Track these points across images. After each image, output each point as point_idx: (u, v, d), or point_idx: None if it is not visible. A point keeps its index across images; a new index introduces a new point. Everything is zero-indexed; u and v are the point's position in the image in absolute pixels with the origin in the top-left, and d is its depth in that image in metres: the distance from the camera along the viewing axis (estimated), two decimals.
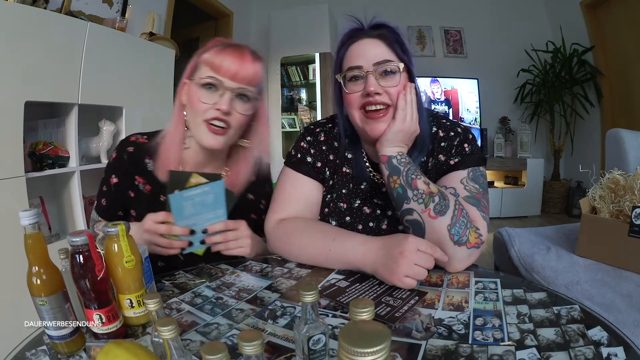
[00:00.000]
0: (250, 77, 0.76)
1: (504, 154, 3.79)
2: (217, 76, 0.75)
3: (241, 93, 0.77)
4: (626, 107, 3.17)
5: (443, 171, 0.79)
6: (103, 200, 0.88)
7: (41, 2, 1.57)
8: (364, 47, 0.75)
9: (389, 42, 0.75)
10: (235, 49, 0.76)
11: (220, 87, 0.75)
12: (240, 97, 0.77)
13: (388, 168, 0.74)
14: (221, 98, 0.75)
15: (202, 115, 0.76)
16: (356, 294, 0.63)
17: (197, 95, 0.76)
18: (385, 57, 0.74)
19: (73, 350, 0.49)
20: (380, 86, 0.74)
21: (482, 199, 0.74)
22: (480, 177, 0.77)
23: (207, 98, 0.76)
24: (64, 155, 1.61)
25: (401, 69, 0.75)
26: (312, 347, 0.40)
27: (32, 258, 0.46)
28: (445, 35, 3.95)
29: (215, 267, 0.77)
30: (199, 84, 0.76)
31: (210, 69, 0.75)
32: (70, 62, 1.57)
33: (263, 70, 0.80)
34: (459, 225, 0.67)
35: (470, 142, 0.79)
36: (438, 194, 0.69)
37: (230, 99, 0.76)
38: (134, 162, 0.85)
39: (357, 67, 0.75)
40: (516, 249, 1.25)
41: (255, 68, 0.77)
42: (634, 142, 1.67)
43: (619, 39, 3.13)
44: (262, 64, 0.79)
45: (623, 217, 1.06)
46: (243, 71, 0.75)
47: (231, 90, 0.75)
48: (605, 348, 0.45)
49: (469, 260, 0.70)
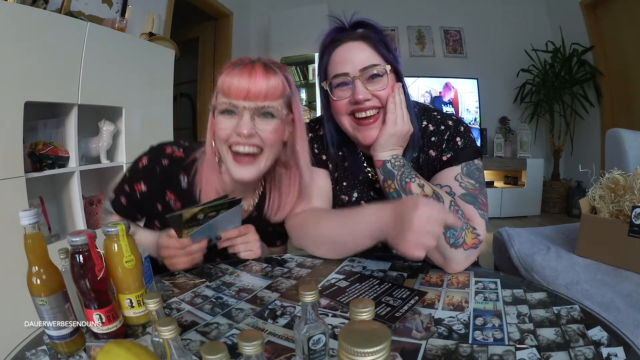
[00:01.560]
0: (265, 93, 0.70)
1: (504, 154, 3.79)
2: (230, 100, 0.70)
3: (261, 112, 0.71)
4: (626, 107, 3.17)
5: (435, 167, 0.79)
6: (123, 198, 0.83)
7: (41, 2, 1.57)
8: (349, 52, 0.74)
9: (373, 44, 0.74)
10: (244, 66, 0.71)
11: (237, 111, 0.71)
12: (264, 116, 0.72)
13: (383, 173, 0.74)
14: (240, 121, 0.70)
15: (225, 142, 0.73)
16: (356, 294, 0.63)
17: (218, 122, 0.73)
18: (371, 62, 0.73)
19: (73, 350, 0.49)
20: (368, 91, 0.73)
21: (479, 195, 0.73)
22: (475, 171, 0.75)
23: (227, 123, 0.72)
24: (63, 155, 1.61)
25: (388, 70, 0.73)
26: (312, 347, 0.40)
27: (32, 258, 0.46)
28: (445, 35, 3.94)
29: (215, 267, 0.77)
30: (218, 111, 0.73)
31: (223, 94, 0.71)
32: (70, 62, 1.57)
33: (284, 81, 0.73)
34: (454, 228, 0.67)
35: (462, 135, 0.78)
36: (432, 196, 0.69)
37: (250, 120, 0.70)
38: (167, 177, 0.80)
39: (343, 74, 0.74)
40: (516, 249, 1.25)
41: (269, 82, 0.70)
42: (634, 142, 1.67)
43: (619, 39, 3.13)
44: (278, 76, 0.72)
45: (623, 217, 1.06)
46: (255, 88, 0.69)
47: (248, 110, 0.70)
48: (605, 348, 0.45)
49: (467, 262, 0.69)
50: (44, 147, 1.54)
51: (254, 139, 0.71)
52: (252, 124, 0.70)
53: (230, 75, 0.70)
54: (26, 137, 1.43)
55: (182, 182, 0.81)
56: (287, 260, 0.80)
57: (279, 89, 0.71)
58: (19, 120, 1.37)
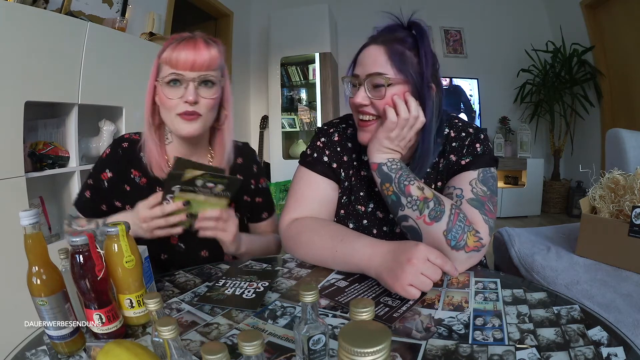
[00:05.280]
0: (208, 63, 0.78)
1: (504, 154, 3.79)
2: (177, 71, 0.77)
3: (203, 80, 0.79)
4: (626, 107, 3.17)
5: (454, 171, 0.78)
6: (87, 192, 0.89)
7: (41, 2, 1.57)
8: (367, 55, 0.75)
9: (391, 53, 0.72)
10: (187, 41, 0.78)
11: (183, 81, 0.78)
12: (205, 84, 0.79)
13: (379, 175, 0.73)
14: (186, 90, 0.77)
15: (173, 110, 0.79)
16: (356, 294, 0.63)
17: (165, 93, 0.79)
18: (378, 70, 0.72)
19: (73, 350, 0.49)
20: (369, 97, 0.74)
21: (487, 202, 0.72)
22: (490, 178, 0.76)
23: (174, 93, 0.78)
24: (64, 155, 1.61)
25: (389, 82, 0.72)
26: (312, 347, 0.40)
27: (32, 258, 0.46)
28: (445, 35, 3.94)
29: (215, 267, 0.77)
30: (164, 82, 0.78)
31: (170, 66, 0.77)
32: (70, 62, 1.57)
33: (220, 53, 0.82)
34: (456, 230, 0.66)
35: (481, 142, 0.79)
36: (433, 199, 0.68)
37: (195, 88, 0.78)
38: (129, 156, 0.88)
39: (355, 75, 0.76)
40: (516, 248, 1.25)
41: (211, 53, 0.78)
42: (634, 142, 1.67)
43: (619, 39, 3.13)
44: (217, 48, 0.81)
45: (623, 217, 1.05)
46: (200, 59, 0.77)
47: (193, 80, 0.77)
48: (605, 348, 0.45)
49: (468, 263, 0.69)
50: (44, 147, 1.54)
51: (197, 105, 0.79)
52: (197, 92, 0.78)
53: (177, 50, 0.77)
54: (26, 137, 1.43)
55: (143, 159, 0.87)
56: (287, 261, 0.80)
57: (217, 59, 0.80)
58: (19, 120, 1.37)
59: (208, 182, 0.74)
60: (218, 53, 0.81)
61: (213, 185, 0.74)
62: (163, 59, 0.79)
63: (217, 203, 0.77)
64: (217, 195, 0.76)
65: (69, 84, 1.58)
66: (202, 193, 0.75)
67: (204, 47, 0.78)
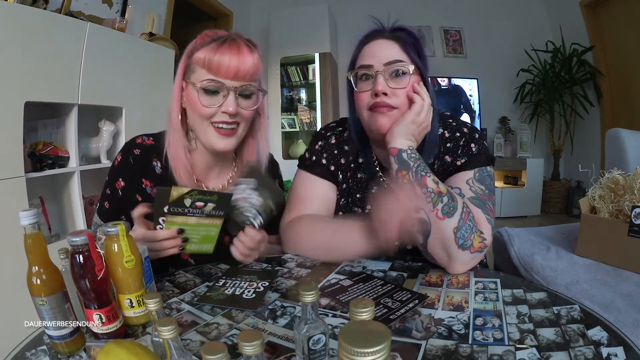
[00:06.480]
0: (252, 73, 0.73)
1: (504, 154, 3.79)
2: (218, 78, 0.71)
3: (245, 91, 0.74)
4: (626, 107, 3.17)
5: (450, 172, 0.78)
6: (106, 203, 0.82)
7: (41, 3, 1.57)
8: (377, 47, 0.75)
9: (403, 44, 0.74)
10: (230, 44, 0.71)
11: (222, 89, 0.71)
12: (246, 94, 0.74)
13: (397, 161, 0.72)
14: (225, 99, 0.71)
15: (207, 119, 0.73)
16: (356, 293, 0.63)
17: (199, 99, 0.72)
18: (396, 58, 0.73)
19: (73, 350, 0.49)
20: (389, 87, 0.73)
21: (487, 201, 0.72)
22: (487, 177, 0.76)
23: (211, 101, 0.72)
24: (63, 155, 1.61)
25: (411, 70, 0.74)
26: (312, 347, 0.40)
27: (32, 258, 0.46)
28: (445, 35, 3.94)
29: (215, 267, 0.77)
30: (198, 87, 0.72)
31: (207, 71, 0.71)
32: (70, 62, 1.57)
33: (260, 59, 0.75)
34: (465, 229, 0.66)
35: (476, 142, 0.79)
36: (447, 195, 0.68)
37: (235, 97, 0.72)
38: (141, 165, 0.81)
39: (368, 65, 0.75)
40: (516, 248, 1.25)
41: (254, 60, 0.73)
42: (634, 142, 1.67)
43: (619, 39, 3.13)
44: (258, 53, 0.75)
45: (623, 216, 1.05)
46: (243, 67, 0.71)
47: (234, 90, 0.72)
48: (605, 348, 0.45)
49: (470, 264, 0.69)
50: (44, 147, 1.54)
51: (236, 117, 0.74)
52: (237, 102, 0.72)
53: (219, 53, 0.70)
54: (26, 137, 1.43)
55: (156, 168, 0.81)
56: (287, 261, 0.80)
57: (259, 67, 0.75)
58: (19, 120, 1.37)
59: (197, 200, 0.68)
60: (260, 59, 0.74)
61: (202, 204, 0.69)
62: (197, 59, 0.71)
63: (211, 224, 0.72)
64: (209, 216, 0.71)
65: (69, 84, 1.58)
66: (192, 215, 0.69)
67: (248, 53, 0.71)
